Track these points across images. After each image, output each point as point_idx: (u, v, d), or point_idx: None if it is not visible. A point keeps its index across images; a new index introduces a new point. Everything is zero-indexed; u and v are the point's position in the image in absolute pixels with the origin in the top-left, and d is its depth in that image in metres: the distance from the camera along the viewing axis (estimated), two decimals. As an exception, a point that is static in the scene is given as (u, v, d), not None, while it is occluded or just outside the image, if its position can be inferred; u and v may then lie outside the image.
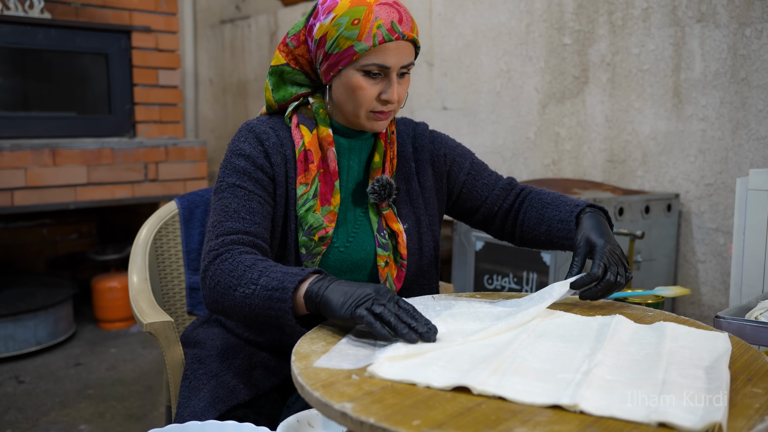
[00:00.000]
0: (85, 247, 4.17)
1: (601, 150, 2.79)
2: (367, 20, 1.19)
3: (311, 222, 1.27)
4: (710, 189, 2.47)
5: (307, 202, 1.27)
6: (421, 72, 3.53)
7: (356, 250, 1.32)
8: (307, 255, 1.28)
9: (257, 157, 1.26)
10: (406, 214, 1.37)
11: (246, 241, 1.19)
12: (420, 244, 1.38)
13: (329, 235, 1.28)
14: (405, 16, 1.23)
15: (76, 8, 3.49)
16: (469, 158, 1.45)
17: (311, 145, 1.28)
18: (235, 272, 1.11)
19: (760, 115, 2.32)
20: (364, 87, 1.23)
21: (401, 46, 1.22)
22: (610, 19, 2.71)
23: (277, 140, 1.30)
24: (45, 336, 3.25)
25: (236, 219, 1.20)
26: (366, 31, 1.19)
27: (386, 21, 1.19)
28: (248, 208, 1.22)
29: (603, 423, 0.73)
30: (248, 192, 1.24)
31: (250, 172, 1.25)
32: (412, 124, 1.46)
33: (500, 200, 1.44)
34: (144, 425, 2.51)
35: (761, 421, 0.73)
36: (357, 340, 0.99)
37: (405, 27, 1.21)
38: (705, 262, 2.51)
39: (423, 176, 1.40)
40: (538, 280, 2.37)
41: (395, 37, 1.20)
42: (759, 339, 1.08)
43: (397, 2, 1.24)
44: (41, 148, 3.25)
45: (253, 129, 1.30)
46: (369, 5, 1.20)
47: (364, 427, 0.74)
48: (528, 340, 0.97)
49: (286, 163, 1.29)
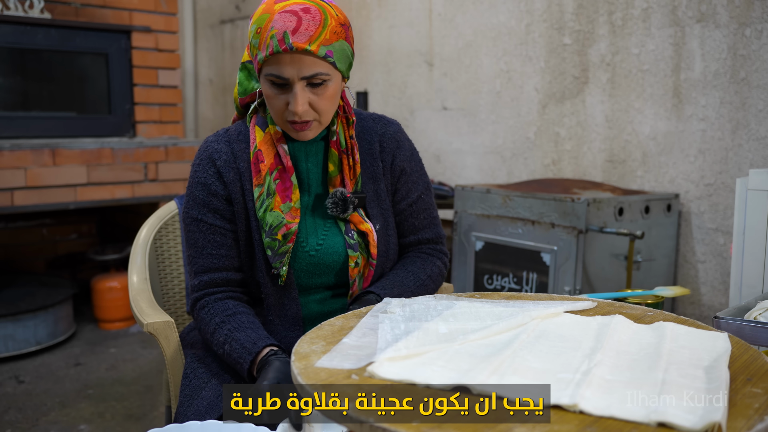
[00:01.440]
0: (85, 247, 4.17)
1: (601, 150, 2.79)
2: (265, 29, 1.18)
3: (270, 221, 1.27)
4: (710, 189, 2.47)
5: (264, 203, 1.28)
6: (421, 72, 3.53)
7: (327, 253, 1.32)
8: (274, 256, 1.28)
9: (211, 183, 1.31)
10: (376, 215, 1.36)
11: (218, 280, 1.31)
12: (387, 246, 1.37)
13: (293, 231, 1.28)
14: (306, 24, 1.17)
15: (75, 8, 3.49)
16: (419, 190, 1.41)
17: (262, 144, 1.29)
18: (208, 328, 1.27)
19: (760, 115, 2.32)
20: (272, 96, 1.22)
21: (297, 57, 1.17)
22: (610, 19, 2.71)
23: (230, 156, 1.31)
24: (45, 336, 3.25)
25: (205, 256, 1.31)
26: (263, 41, 1.18)
27: (279, 31, 1.16)
28: (213, 242, 1.31)
29: (602, 423, 0.73)
30: (210, 226, 1.31)
31: (208, 202, 1.31)
32: (382, 122, 1.41)
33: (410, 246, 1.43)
34: (144, 425, 2.51)
35: (761, 421, 0.73)
36: (359, 339, 0.99)
37: (299, 37, 1.16)
38: (705, 262, 2.51)
39: (386, 177, 1.39)
40: (538, 280, 2.37)
41: (282, 48, 1.16)
42: (758, 339, 1.08)
43: (306, 9, 1.18)
44: (41, 148, 3.25)
45: (207, 148, 1.33)
46: (272, 13, 1.18)
47: (364, 427, 0.74)
48: (528, 339, 0.97)
49: (241, 177, 1.31)
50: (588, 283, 2.27)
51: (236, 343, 1.21)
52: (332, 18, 1.20)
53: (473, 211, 2.57)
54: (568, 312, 1.11)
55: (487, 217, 2.52)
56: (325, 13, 1.19)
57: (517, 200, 2.42)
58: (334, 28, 1.20)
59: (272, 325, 1.34)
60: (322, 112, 1.23)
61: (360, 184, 1.34)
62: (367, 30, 3.83)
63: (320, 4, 1.20)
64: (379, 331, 1.00)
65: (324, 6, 1.21)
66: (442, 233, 1.46)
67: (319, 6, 1.20)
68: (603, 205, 2.27)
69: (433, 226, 1.44)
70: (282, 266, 1.28)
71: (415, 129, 3.58)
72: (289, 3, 1.19)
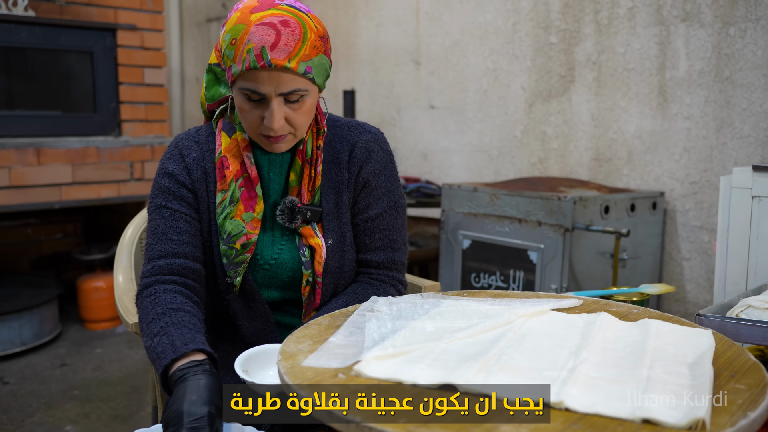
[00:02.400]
0: (71, 247, 4.14)
1: (587, 148, 2.80)
2: (241, 42, 1.11)
3: (230, 229, 1.24)
4: (695, 187, 2.49)
5: (225, 210, 1.24)
6: (408, 71, 3.53)
7: (281, 268, 1.28)
8: (230, 264, 1.24)
9: (179, 174, 1.26)
10: (332, 228, 1.29)
11: (174, 266, 1.21)
12: (342, 261, 1.30)
13: (252, 242, 1.24)
14: (285, 39, 1.10)
15: (60, 6, 3.46)
16: (381, 208, 1.32)
17: (228, 151, 1.25)
18: (147, 317, 1.15)
19: (744, 114, 2.34)
20: (246, 109, 1.17)
21: (276, 74, 1.11)
22: (596, 18, 2.72)
23: (199, 155, 1.28)
24: (30, 336, 3.23)
25: (164, 241, 1.23)
26: (238, 54, 1.11)
27: (257, 45, 1.10)
28: (175, 228, 1.24)
29: (588, 420, 0.74)
30: (174, 212, 1.25)
31: (174, 190, 1.26)
32: (359, 130, 1.33)
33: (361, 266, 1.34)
34: (130, 425, 2.50)
35: (744, 417, 0.74)
36: (346, 338, 0.99)
37: (278, 54, 1.10)
38: (690, 260, 2.53)
39: (350, 188, 1.31)
40: (524, 278, 2.38)
41: (260, 65, 1.10)
42: (740, 336, 1.09)
43: (285, 21, 1.11)
44: (25, 147, 3.22)
45: (178, 144, 1.30)
46: (248, 24, 1.11)
47: (351, 426, 0.74)
48: (514, 337, 0.97)
49: (206, 178, 1.27)
50: (574, 281, 2.28)
51: (167, 337, 1.09)
52: (312, 31, 1.14)
53: (460, 210, 2.58)
54: (554, 310, 1.12)
55: (474, 215, 2.53)
56: (304, 26, 1.13)
57: (504, 199, 2.43)
58: (314, 42, 1.14)
59: (242, 329, 1.31)
60: (297, 127, 1.19)
61: (318, 196, 1.28)
62: (354, 28, 3.83)
63: (299, 15, 1.14)
64: (366, 329, 1.00)
65: (303, 18, 1.14)
66: (399, 259, 1.34)
67: (298, 18, 1.13)
68: (589, 203, 2.28)
69: (389, 249, 1.33)
70: (236, 276, 1.25)
71: (402, 128, 3.58)
72: (267, 14, 1.12)
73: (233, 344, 1.34)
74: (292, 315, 1.33)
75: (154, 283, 1.20)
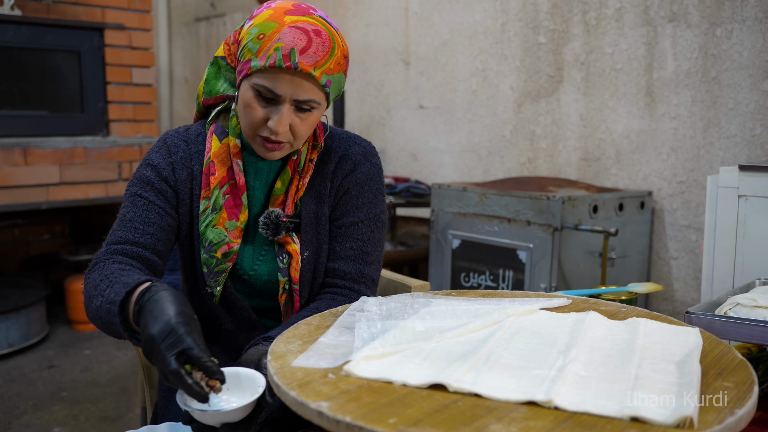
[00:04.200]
0: (58, 248, 4.11)
1: (576, 148, 2.82)
2: (270, 38, 1.10)
3: (211, 238, 1.21)
4: (682, 186, 2.50)
5: (207, 218, 1.22)
6: (397, 71, 3.54)
7: (261, 279, 1.27)
8: (210, 273, 1.23)
9: (164, 168, 1.23)
10: (309, 240, 1.26)
11: (130, 252, 1.16)
12: (314, 273, 1.28)
13: (234, 251, 1.22)
14: (315, 47, 1.10)
15: (47, 5, 3.44)
16: (358, 217, 1.28)
17: (216, 156, 1.22)
18: (97, 284, 1.08)
19: (731, 114, 2.36)
20: (253, 106, 1.14)
21: (297, 79, 1.11)
22: (584, 18, 2.74)
23: (186, 154, 1.25)
24: (17, 338, 3.20)
25: (129, 229, 1.18)
26: (264, 49, 1.11)
27: (286, 46, 1.09)
28: (144, 218, 1.20)
29: (577, 418, 0.74)
30: (148, 202, 1.21)
31: (154, 182, 1.22)
32: (350, 142, 1.31)
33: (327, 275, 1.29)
34: (119, 427, 2.49)
35: (731, 414, 0.75)
36: (336, 338, 0.98)
37: (306, 59, 1.10)
38: (677, 259, 2.55)
39: (330, 199, 1.28)
40: (514, 277, 2.38)
41: (286, 65, 1.09)
42: (727, 334, 1.10)
43: (318, 31, 1.12)
44: (12, 147, 3.20)
45: (166, 140, 1.27)
46: (282, 24, 1.11)
47: (341, 426, 0.74)
48: (503, 337, 0.97)
49: (192, 179, 1.24)
50: (563, 280, 2.29)
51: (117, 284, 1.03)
52: (339, 48, 1.15)
53: (450, 210, 2.58)
54: (543, 309, 1.12)
55: (463, 215, 2.53)
56: (333, 41, 1.14)
57: (494, 198, 2.43)
58: (339, 59, 1.15)
59: (229, 335, 1.30)
60: (298, 137, 1.17)
61: (300, 206, 1.26)
62: (343, 28, 3.82)
63: (331, 30, 1.15)
64: (356, 329, 1.00)
65: (334, 34, 1.15)
66: (369, 274, 1.28)
67: (330, 32, 1.14)
68: (578, 202, 2.29)
69: (360, 261, 1.27)
70: (216, 285, 1.23)
71: (391, 128, 3.59)
72: (301, 19, 1.12)
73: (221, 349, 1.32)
74: (273, 322, 1.32)
75: (103, 261, 1.14)
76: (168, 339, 0.89)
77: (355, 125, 3.77)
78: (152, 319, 0.92)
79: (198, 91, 1.31)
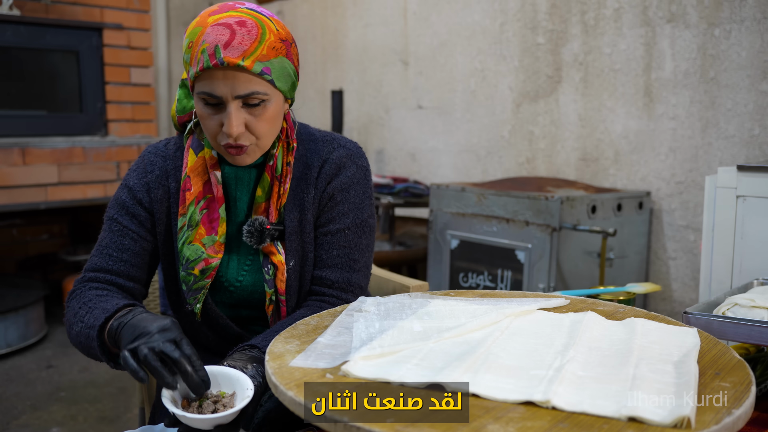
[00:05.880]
0: (57, 248, 4.11)
1: (574, 148, 2.82)
2: (196, 43, 1.07)
3: (188, 255, 1.19)
4: (681, 187, 2.51)
5: (184, 234, 1.19)
6: (396, 71, 3.54)
7: (247, 290, 1.24)
8: (189, 291, 1.21)
9: (138, 190, 1.22)
10: (294, 249, 1.23)
11: (103, 279, 1.19)
12: (300, 282, 1.25)
13: (212, 266, 1.19)
14: (240, 37, 1.06)
15: (45, 5, 3.44)
16: (344, 224, 1.23)
17: (192, 171, 1.19)
18: (76, 311, 1.12)
19: (729, 114, 2.36)
20: (205, 117, 1.11)
21: (231, 74, 1.06)
22: (583, 18, 2.74)
23: (162, 172, 1.23)
24: (15, 338, 3.20)
25: (103, 255, 1.20)
26: (194, 55, 1.08)
27: (210, 45, 1.05)
28: (119, 244, 1.20)
29: (575, 418, 0.74)
30: (122, 227, 1.21)
31: (129, 206, 1.22)
32: (334, 144, 1.26)
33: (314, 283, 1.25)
34: (117, 427, 2.49)
35: (729, 414, 0.75)
36: (334, 338, 0.98)
37: (231, 52, 1.05)
38: (676, 259, 2.55)
39: (315, 206, 1.24)
40: (512, 277, 2.39)
41: (213, 63, 1.05)
42: (725, 334, 1.10)
43: (242, 21, 1.07)
44: (11, 147, 3.20)
45: (144, 158, 1.25)
46: (205, 26, 1.08)
47: (338, 426, 0.74)
48: (501, 337, 0.97)
49: (169, 197, 1.22)
50: (562, 280, 2.29)
51: (96, 310, 1.07)
52: (271, 32, 1.09)
53: (448, 210, 2.58)
54: (541, 309, 1.12)
55: (462, 215, 2.53)
56: (263, 27, 1.08)
57: (492, 198, 2.43)
58: (273, 44, 1.09)
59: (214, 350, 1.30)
60: (260, 136, 1.12)
61: (283, 214, 1.22)
62: (342, 28, 3.82)
63: (258, 17, 1.10)
64: (354, 329, 1.00)
65: (263, 19, 1.10)
66: (357, 281, 1.25)
67: (257, 19, 1.09)
68: (576, 203, 2.29)
69: (347, 269, 1.24)
70: (196, 303, 1.21)
71: (390, 128, 3.59)
72: (224, 15, 1.08)
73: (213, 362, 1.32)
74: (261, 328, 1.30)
75: (80, 288, 1.18)
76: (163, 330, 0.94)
77: (354, 125, 3.77)
78: (132, 332, 0.97)
79: (171, 113, 1.28)
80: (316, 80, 4.03)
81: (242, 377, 0.96)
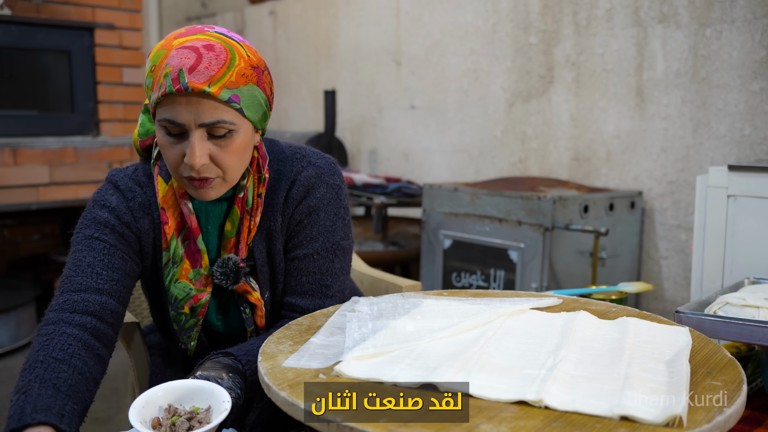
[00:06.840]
0: (48, 249, 4.09)
1: (567, 148, 2.82)
2: (159, 66, 0.99)
3: (176, 294, 1.13)
4: (672, 186, 2.52)
5: (170, 272, 1.13)
6: (389, 71, 3.54)
7: (230, 327, 1.21)
8: (181, 330, 1.16)
9: (123, 213, 1.11)
10: (264, 282, 1.18)
11: (91, 303, 1.03)
12: (272, 314, 1.21)
13: (202, 303, 1.14)
14: (206, 62, 0.98)
15: (37, 4, 3.42)
16: (313, 249, 1.16)
17: (165, 202, 1.11)
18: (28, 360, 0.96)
19: (720, 114, 2.37)
20: (166, 146, 1.03)
21: (195, 100, 0.98)
22: (575, 19, 2.75)
23: (144, 200, 1.13)
24: (7, 339, 3.18)
25: (89, 274, 1.05)
26: (156, 79, 1.00)
27: (174, 69, 0.98)
28: (107, 263, 1.07)
29: (567, 418, 0.75)
30: (109, 246, 1.08)
31: (114, 225, 1.10)
32: (304, 162, 1.17)
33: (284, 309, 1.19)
34: (110, 428, 2.48)
35: (720, 413, 0.75)
36: (327, 338, 0.98)
37: (197, 77, 0.97)
38: (667, 258, 2.56)
39: (283, 233, 1.17)
40: (505, 277, 2.39)
41: (176, 88, 0.97)
42: (717, 333, 1.10)
43: (209, 45, 1.00)
44: (2, 147, 3.18)
45: (117, 184, 1.14)
46: (170, 48, 1.00)
47: (332, 427, 0.74)
48: (494, 336, 0.98)
49: (155, 228, 1.14)
50: (554, 280, 2.30)
51: (25, 397, 0.89)
52: (241, 58, 1.02)
53: (441, 210, 2.58)
54: (534, 309, 1.13)
55: (455, 215, 2.54)
56: (232, 52, 1.01)
57: (485, 198, 2.44)
58: (243, 70, 1.01)
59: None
60: (226, 169, 1.04)
61: (252, 247, 1.16)
62: (334, 28, 3.82)
63: (228, 41, 1.02)
64: (347, 330, 1.00)
65: (233, 44, 1.02)
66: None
67: (226, 44, 1.01)
68: (568, 202, 2.30)
69: (318, 295, 1.17)
70: (189, 341, 1.18)
71: (383, 128, 3.59)
72: (190, 38, 1.01)
73: None
74: None
75: (59, 321, 1.01)
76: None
77: (347, 125, 3.77)
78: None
79: (133, 139, 1.20)
80: (309, 80, 4.03)
81: (217, 390, 0.90)
